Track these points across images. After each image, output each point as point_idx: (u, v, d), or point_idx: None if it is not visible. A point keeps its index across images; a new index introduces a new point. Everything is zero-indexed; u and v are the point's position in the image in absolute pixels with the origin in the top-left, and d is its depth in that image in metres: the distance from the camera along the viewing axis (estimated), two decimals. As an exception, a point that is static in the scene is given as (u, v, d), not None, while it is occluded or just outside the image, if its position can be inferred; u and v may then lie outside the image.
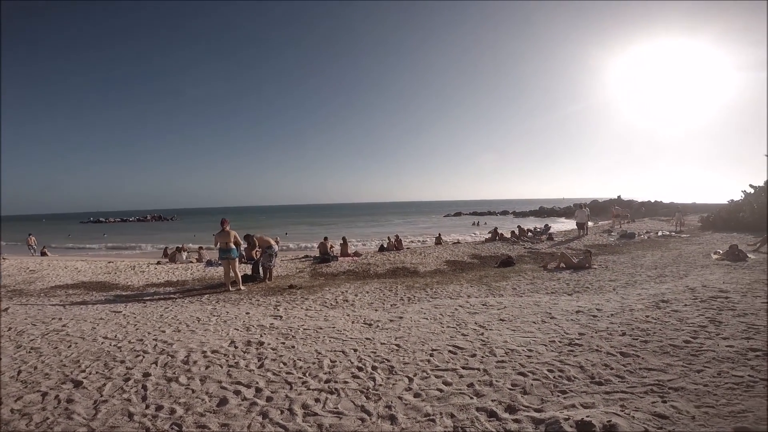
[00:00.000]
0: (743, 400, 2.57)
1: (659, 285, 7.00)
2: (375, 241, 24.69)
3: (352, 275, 10.79)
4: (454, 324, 4.89)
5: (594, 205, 41.45)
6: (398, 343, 4.20)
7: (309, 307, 6.65)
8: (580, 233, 19.26)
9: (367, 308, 6.41)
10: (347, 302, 7.01)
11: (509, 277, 9.10)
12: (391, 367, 3.53)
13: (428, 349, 3.96)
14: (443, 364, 3.57)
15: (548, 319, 4.85)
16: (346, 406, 2.85)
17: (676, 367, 3.20)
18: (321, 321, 5.41)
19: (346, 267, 12.00)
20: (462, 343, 4.11)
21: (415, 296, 7.28)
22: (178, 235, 36.76)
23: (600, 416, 2.36)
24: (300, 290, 8.35)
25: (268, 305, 6.87)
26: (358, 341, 4.35)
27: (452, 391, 2.99)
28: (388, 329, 4.82)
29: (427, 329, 4.72)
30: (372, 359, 3.76)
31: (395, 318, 5.38)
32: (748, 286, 5.99)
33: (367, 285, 8.69)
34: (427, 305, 6.21)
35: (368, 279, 9.96)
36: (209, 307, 6.81)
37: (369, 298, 7.26)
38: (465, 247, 16.39)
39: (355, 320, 5.38)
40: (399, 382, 3.21)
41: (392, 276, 10.39)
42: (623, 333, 4.14)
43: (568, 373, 3.21)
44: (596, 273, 9.10)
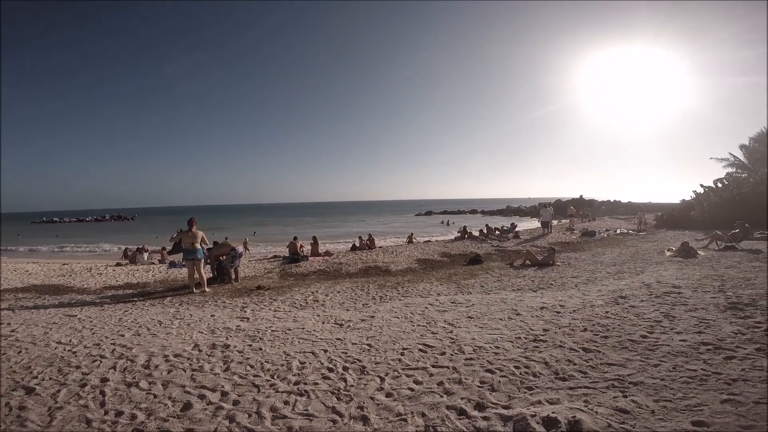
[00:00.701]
0: (698, 393, 2.72)
1: (618, 281, 7.36)
2: (347, 240, 24.57)
3: (323, 275, 10.70)
4: (425, 322, 4.94)
5: (558, 205, 43.08)
6: (370, 343, 4.20)
7: (277, 308, 6.52)
8: (544, 231, 20.01)
9: (338, 308, 6.37)
10: (317, 302, 6.93)
11: (477, 274, 9.30)
12: (362, 367, 3.52)
13: (399, 348, 3.98)
14: (414, 362, 3.59)
15: (514, 316, 4.99)
16: (316, 407, 2.82)
17: (634, 361, 3.37)
18: (290, 322, 5.32)
19: (317, 267, 11.88)
20: (432, 341, 4.16)
21: (386, 295, 7.30)
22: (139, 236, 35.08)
23: (565, 412, 2.44)
24: (268, 291, 8.19)
25: (235, 307, 6.69)
26: (328, 342, 4.31)
27: (423, 390, 3.01)
28: (360, 329, 4.80)
29: (398, 328, 4.74)
30: (343, 360, 3.73)
31: (367, 317, 5.37)
32: (699, 282, 6.41)
33: (338, 285, 8.64)
34: (399, 304, 6.25)
35: (340, 279, 9.91)
36: (172, 310, 6.57)
37: (340, 298, 7.22)
38: (435, 246, 16.63)
39: (326, 320, 5.33)
40: (371, 382, 3.20)
41: (364, 275, 10.38)
42: (585, 329, 4.33)
43: (533, 369, 3.31)
44: (559, 270, 9.45)
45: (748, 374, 2.95)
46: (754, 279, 6.42)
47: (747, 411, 2.41)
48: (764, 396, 2.58)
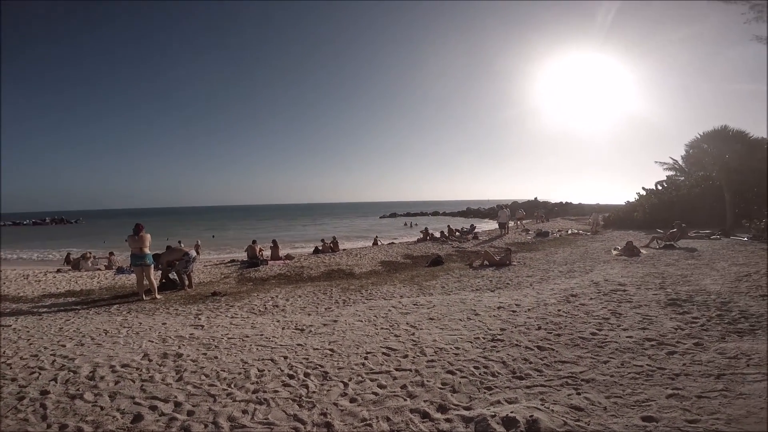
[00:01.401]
0: (645, 389, 2.89)
1: (569, 280, 7.75)
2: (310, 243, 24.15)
3: (284, 279, 10.46)
4: (388, 325, 4.96)
5: (514, 206, 44.79)
6: (332, 348, 4.15)
7: (234, 314, 6.31)
8: (502, 232, 20.73)
9: (299, 313, 6.25)
10: (277, 308, 6.76)
11: (438, 276, 9.46)
12: (325, 373, 3.48)
13: (363, 352, 3.97)
14: (378, 366, 3.59)
15: (473, 316, 5.12)
16: (277, 416, 2.75)
17: (585, 359, 3.55)
18: (248, 329, 5.17)
19: (277, 271, 11.60)
20: (395, 344, 4.18)
21: (350, 298, 7.25)
22: (84, 240, 32.63)
23: (523, 411, 2.52)
24: (225, 297, 7.89)
25: (188, 314, 6.40)
26: (288, 348, 4.23)
27: (387, 394, 3.01)
28: (322, 334, 4.74)
29: (361, 332, 4.73)
30: (304, 366, 3.67)
31: (329, 322, 5.31)
32: (642, 279, 6.88)
33: (299, 289, 8.48)
34: (362, 307, 6.23)
35: (301, 283, 9.72)
36: (119, 318, 6.19)
37: (302, 303, 7.08)
38: (399, 248, 16.76)
39: (286, 326, 5.22)
40: (334, 388, 3.17)
41: (327, 279, 10.26)
42: (539, 327, 4.51)
43: (492, 369, 3.40)
44: (516, 269, 9.80)
45: (689, 369, 3.18)
46: (690, 276, 6.98)
47: (691, 405, 2.59)
48: (706, 390, 2.78)
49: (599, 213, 22.84)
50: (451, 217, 53.92)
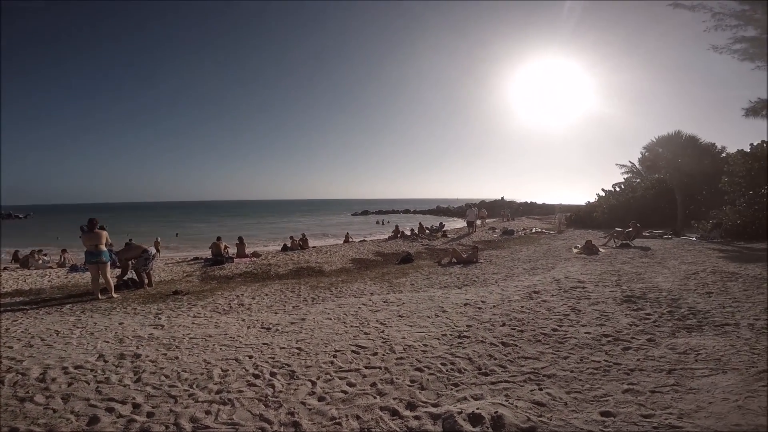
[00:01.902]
0: (603, 384, 3.02)
1: (532, 277, 8.01)
2: (279, 240, 23.67)
3: (250, 277, 10.21)
4: (357, 323, 4.95)
5: (482, 205, 45.89)
6: (300, 347, 4.10)
7: (197, 313, 6.12)
8: (470, 230, 21.20)
9: (265, 312, 6.13)
10: (243, 306, 6.61)
11: (408, 273, 9.54)
12: (292, 372, 3.43)
13: (331, 351, 3.94)
14: (347, 364, 3.58)
15: (441, 313, 5.20)
16: (242, 416, 2.69)
17: (547, 354, 3.67)
18: (211, 328, 5.04)
19: (243, 269, 11.31)
20: (364, 342, 4.18)
21: (319, 296, 7.18)
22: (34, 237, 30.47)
23: (488, 407, 2.58)
24: (187, 296, 7.62)
25: (147, 314, 6.15)
26: (254, 347, 4.15)
27: (356, 392, 3.01)
28: (289, 332, 4.68)
29: (330, 330, 4.70)
30: (270, 365, 3.61)
31: (297, 320, 5.24)
32: (600, 277, 7.21)
33: (266, 287, 8.30)
34: (332, 305, 6.19)
35: (268, 281, 9.53)
36: (72, 319, 5.86)
37: (268, 301, 6.94)
38: (370, 245, 16.78)
39: (252, 325, 5.12)
40: (301, 387, 3.14)
41: (295, 276, 10.11)
42: (503, 323, 4.64)
43: (458, 365, 3.46)
44: (482, 267, 10.04)
45: (643, 364, 3.35)
46: (643, 273, 7.39)
47: (645, 400, 2.71)
48: (659, 385, 2.93)
49: (563, 213, 23.77)
50: (422, 215, 54.43)
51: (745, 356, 3.36)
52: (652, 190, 21.14)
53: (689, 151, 18.65)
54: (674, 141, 19.13)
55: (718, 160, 18.66)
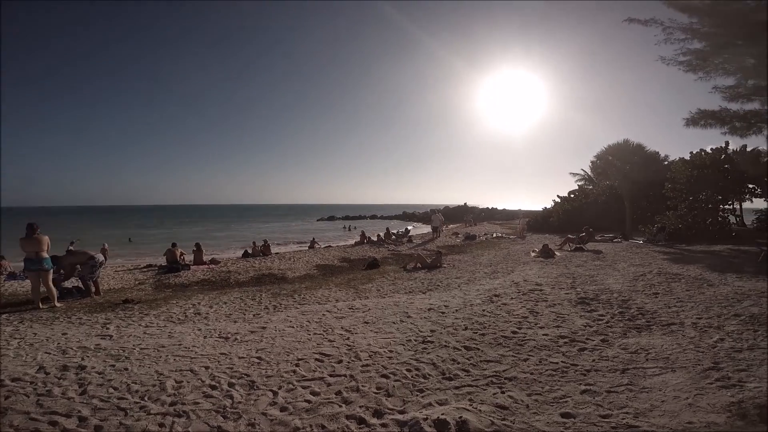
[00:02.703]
0: (561, 385, 3.10)
1: (493, 281, 8.21)
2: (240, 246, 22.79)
3: (208, 285, 9.79)
4: (321, 330, 4.85)
5: (446, 211, 46.81)
6: (260, 356, 3.98)
7: (149, 323, 5.82)
8: (434, 236, 21.53)
9: (224, 320, 5.89)
10: (199, 315, 6.32)
11: (374, 278, 9.51)
12: (251, 382, 3.32)
13: (294, 359, 3.84)
14: (310, 373, 3.49)
15: (406, 318, 5.20)
16: (198, 428, 2.58)
17: (508, 357, 3.75)
18: (164, 338, 4.80)
19: (201, 276, 10.81)
20: (329, 349, 4.10)
21: (281, 304, 6.97)
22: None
23: (453, 413, 2.58)
24: (138, 305, 7.19)
25: (94, 324, 5.75)
26: (211, 357, 3.99)
27: (321, 401, 2.94)
28: (249, 341, 4.53)
29: (292, 338, 4.58)
30: (228, 375, 3.49)
31: (257, 329, 5.07)
32: (556, 280, 7.50)
33: (225, 295, 7.98)
34: (294, 312, 6.03)
35: (227, 288, 9.17)
36: (9, 329, 5.38)
37: (227, 309, 6.67)
38: (336, 251, 16.60)
39: (209, 335, 4.92)
40: (262, 397, 3.04)
41: (256, 284, 9.79)
42: (466, 327, 4.70)
43: (423, 370, 3.46)
44: (446, 271, 10.18)
45: (598, 365, 3.49)
46: (596, 276, 7.77)
47: (602, 400, 2.81)
48: (614, 385, 3.04)
49: (525, 218, 24.69)
50: (389, 221, 54.70)
51: (691, 354, 3.57)
52: (603, 196, 22.44)
53: (636, 159, 19.99)
54: (623, 149, 20.44)
55: (662, 168, 20.13)
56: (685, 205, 14.93)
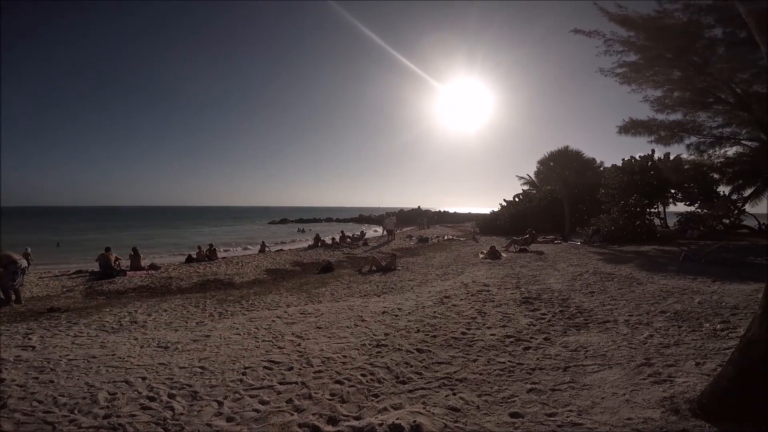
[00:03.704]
0: (509, 385, 3.19)
1: (443, 282, 8.40)
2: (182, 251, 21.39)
3: (146, 292, 9.14)
4: (271, 337, 4.69)
5: (401, 214, 47.40)
6: (203, 365, 3.80)
7: (79, 332, 5.40)
8: (389, 238, 21.69)
9: (163, 329, 5.54)
10: (136, 324, 5.90)
11: (328, 282, 9.37)
12: (194, 393, 3.17)
13: (240, 368, 3.70)
14: (258, 382, 3.37)
15: (360, 322, 5.16)
16: (137, 441, 2.41)
17: (458, 358, 3.82)
18: (95, 348, 4.50)
19: (138, 283, 10.08)
20: (278, 356, 3.97)
21: (227, 310, 6.66)
22: None
23: (407, 417, 2.58)
24: (66, 313, 6.61)
25: (14, 334, 5.28)
26: (148, 368, 3.78)
27: (270, 410, 2.84)
28: (190, 350, 4.32)
29: (239, 346, 4.40)
30: (168, 386, 3.32)
31: (200, 337, 4.84)
32: (502, 280, 7.81)
33: (165, 302, 7.49)
34: (242, 319, 5.79)
35: (168, 295, 8.62)
36: None
37: (167, 317, 6.27)
38: (288, 255, 16.18)
39: (146, 344, 4.65)
40: (206, 408, 2.91)
41: (200, 290, 9.28)
42: (418, 330, 4.75)
43: (377, 375, 3.44)
44: (400, 274, 10.28)
45: (542, 363, 3.63)
46: (539, 276, 8.19)
47: (547, 399, 2.91)
48: (557, 383, 3.17)
49: (478, 221, 25.60)
50: (344, 224, 54.23)
51: (625, 351, 3.80)
52: (545, 200, 23.83)
53: (575, 165, 21.43)
54: (563, 156, 21.83)
55: (597, 174, 21.73)
56: (616, 209, 16.14)
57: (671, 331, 4.33)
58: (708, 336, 4.09)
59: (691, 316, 4.83)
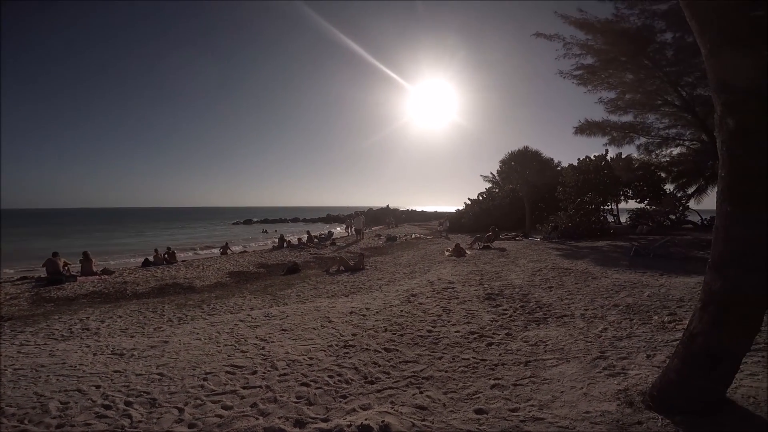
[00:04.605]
0: (473, 381, 3.26)
1: (411, 280, 8.49)
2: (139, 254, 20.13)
3: (99, 298, 8.63)
4: (233, 341, 4.57)
5: (370, 213, 47.44)
6: (161, 372, 3.68)
7: (25, 341, 5.10)
8: (357, 238, 21.65)
9: (118, 336, 5.29)
10: (88, 331, 5.60)
11: (294, 284, 9.22)
12: (152, 400, 3.08)
13: (201, 374, 3.60)
14: (220, 387, 3.29)
15: (327, 323, 5.12)
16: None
17: (424, 356, 3.87)
18: (44, 357, 4.28)
19: (90, 288, 9.49)
20: (241, 361, 3.88)
21: (187, 315, 6.41)
22: None
23: (376, 417, 2.59)
24: (9, 321, 6.19)
25: (-52, 347, 4.82)
26: (102, 376, 3.63)
27: (234, 415, 2.79)
28: (148, 357, 4.16)
29: (199, 351, 4.27)
30: (125, 394, 3.20)
31: (158, 343, 4.66)
32: (466, 277, 8.00)
33: (120, 308, 7.11)
34: (202, 324, 5.60)
35: (123, 301, 8.18)
36: None
37: (122, 324, 5.96)
38: (252, 257, 15.76)
39: (99, 351, 4.45)
40: (166, 415, 2.83)
41: (158, 295, 8.86)
42: (385, 329, 4.78)
43: (345, 376, 3.44)
44: (368, 273, 10.28)
45: (504, 358, 3.74)
46: (501, 272, 8.45)
47: (510, 394, 2.99)
48: (519, 378, 3.25)
49: (448, 219, 26.09)
50: (312, 224, 53.43)
51: (582, 344, 3.97)
52: (507, 199, 24.64)
53: (534, 165, 22.30)
54: (523, 156, 22.66)
55: (555, 173, 22.69)
56: (573, 206, 16.93)
57: (624, 324, 4.53)
58: (657, 328, 4.31)
59: (642, 309, 5.10)
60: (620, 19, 12.10)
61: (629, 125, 15.55)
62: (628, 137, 15.92)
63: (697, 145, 15.58)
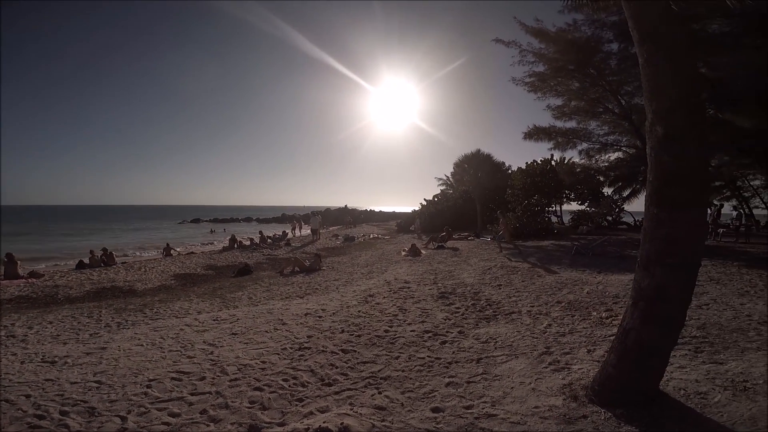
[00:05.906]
0: (429, 380, 3.32)
1: (368, 281, 8.52)
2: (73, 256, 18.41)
3: (26, 303, 7.86)
4: (179, 347, 4.36)
5: (327, 213, 46.92)
6: (99, 380, 3.46)
7: None
8: (314, 238, 21.33)
9: (49, 343, 4.88)
10: (13, 338, 5.13)
11: (246, 286, 8.92)
12: (91, 409, 2.90)
13: (144, 380, 3.42)
14: (166, 394, 3.15)
15: (280, 326, 5.01)
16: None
17: (382, 356, 3.90)
18: None
19: (15, 293, 8.62)
20: (188, 366, 3.72)
21: (127, 320, 6.01)
22: None
23: (335, 419, 2.57)
24: None
25: None
26: (32, 385, 3.36)
27: (183, 422, 2.68)
28: (83, 364, 3.89)
29: (141, 357, 4.04)
30: (59, 403, 3.00)
31: (95, 350, 4.36)
32: (421, 277, 8.15)
33: (51, 314, 6.53)
34: (144, 329, 5.28)
35: (54, 306, 7.50)
36: None
37: (53, 330, 5.50)
38: (200, 258, 15.03)
39: (27, 359, 4.12)
40: (107, 424, 2.68)
41: (95, 299, 8.21)
42: (342, 330, 4.76)
43: (301, 378, 3.39)
44: (325, 274, 10.18)
45: (458, 356, 3.84)
46: (454, 271, 8.70)
47: (464, 391, 3.07)
48: (472, 375, 3.35)
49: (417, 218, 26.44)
50: (266, 224, 51.77)
51: (528, 341, 4.15)
52: (461, 200, 25.41)
53: (486, 167, 23.18)
54: (475, 158, 23.48)
55: (505, 176, 23.71)
56: (521, 208, 17.81)
57: (566, 320, 4.77)
58: (596, 324, 4.56)
59: (582, 305, 5.38)
60: (574, 29, 12.77)
61: (573, 131, 16.60)
62: (572, 143, 16.99)
63: (632, 151, 16.88)
